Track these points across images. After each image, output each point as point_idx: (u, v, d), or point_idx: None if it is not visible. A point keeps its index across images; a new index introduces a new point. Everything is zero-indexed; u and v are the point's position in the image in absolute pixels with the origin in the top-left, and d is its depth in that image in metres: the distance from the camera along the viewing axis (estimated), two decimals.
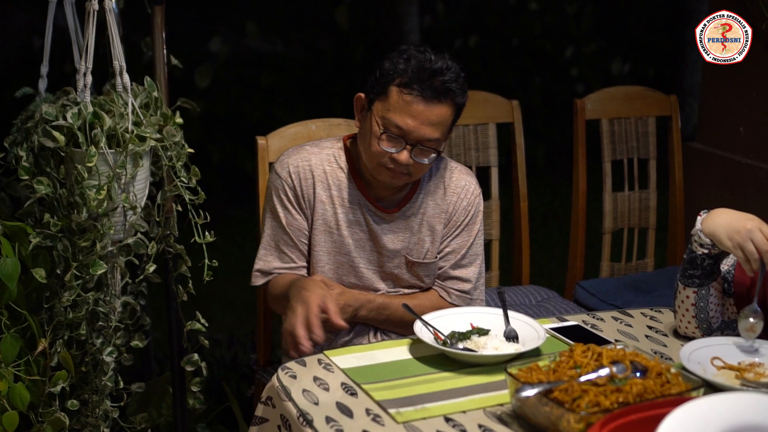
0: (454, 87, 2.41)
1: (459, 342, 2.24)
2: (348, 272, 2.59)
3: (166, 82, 2.86)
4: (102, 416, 2.69)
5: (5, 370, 2.47)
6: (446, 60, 2.44)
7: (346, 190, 2.56)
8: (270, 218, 2.61)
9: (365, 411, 1.97)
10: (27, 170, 2.53)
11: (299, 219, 2.57)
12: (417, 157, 2.42)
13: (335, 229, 2.57)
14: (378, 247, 2.58)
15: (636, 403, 1.80)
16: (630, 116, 3.57)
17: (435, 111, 2.40)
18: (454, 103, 2.43)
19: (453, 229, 2.61)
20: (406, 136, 2.40)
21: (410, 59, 2.43)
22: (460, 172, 2.64)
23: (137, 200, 2.60)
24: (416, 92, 2.39)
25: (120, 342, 2.71)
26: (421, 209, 2.59)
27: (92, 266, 2.52)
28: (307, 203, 2.56)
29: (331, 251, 2.58)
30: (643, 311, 2.55)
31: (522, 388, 1.84)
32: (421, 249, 2.60)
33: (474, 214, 2.62)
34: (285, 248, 2.59)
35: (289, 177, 2.55)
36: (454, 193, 2.60)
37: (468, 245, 2.62)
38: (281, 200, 2.57)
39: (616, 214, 3.56)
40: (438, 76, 2.40)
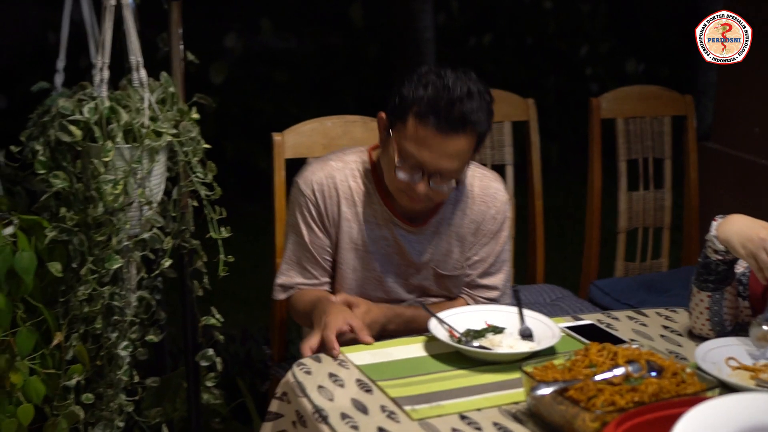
0: (474, 118, 2.29)
1: (474, 340, 2.24)
2: (375, 287, 2.56)
3: (182, 78, 2.86)
4: (117, 410, 2.70)
5: (21, 363, 2.48)
6: (468, 84, 2.31)
7: (372, 205, 2.50)
8: (293, 234, 2.57)
9: (380, 408, 1.97)
10: (43, 164, 2.54)
11: (323, 237, 2.53)
12: (436, 185, 2.35)
13: (361, 246, 2.52)
14: (405, 261, 2.54)
15: (651, 402, 1.79)
16: (645, 115, 3.56)
17: (452, 143, 2.30)
18: (475, 133, 2.33)
19: (481, 237, 2.56)
20: (424, 167, 2.33)
21: (427, 86, 2.31)
22: (488, 179, 2.58)
23: (153, 195, 2.60)
24: (432, 124, 2.28)
25: (135, 336, 2.71)
26: (448, 220, 2.53)
27: (108, 261, 2.53)
28: (332, 222, 2.51)
29: (358, 268, 2.54)
30: (658, 311, 2.54)
31: (537, 387, 1.84)
32: (449, 260, 2.55)
33: (502, 222, 2.57)
34: (307, 265, 2.55)
35: (313, 195, 2.50)
36: (482, 202, 2.55)
37: (496, 253, 2.58)
38: (304, 217, 2.52)
39: (630, 213, 3.56)
40: (456, 105, 2.28)
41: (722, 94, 3.95)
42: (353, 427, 1.90)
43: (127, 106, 2.55)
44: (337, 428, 1.89)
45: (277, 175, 2.88)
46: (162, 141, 2.55)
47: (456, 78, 2.31)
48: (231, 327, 3.59)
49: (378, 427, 1.89)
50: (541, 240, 3.46)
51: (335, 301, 2.42)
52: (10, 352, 2.46)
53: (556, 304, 3.26)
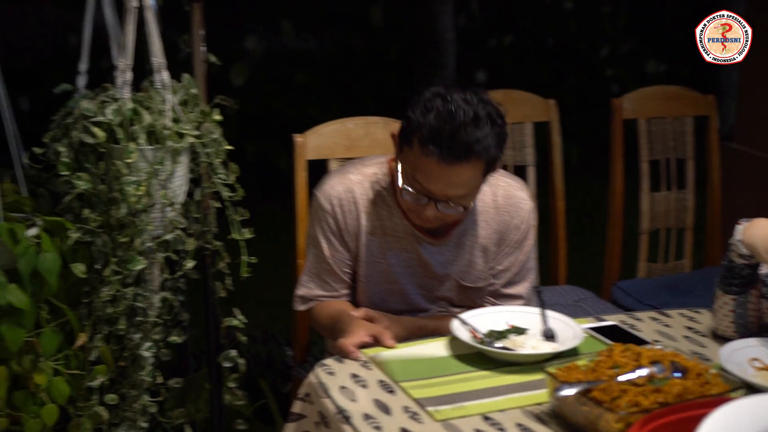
0: (479, 146, 2.20)
1: (496, 341, 2.23)
2: (397, 300, 2.54)
3: (203, 79, 2.87)
4: (140, 411, 2.71)
5: (45, 364, 2.50)
6: (475, 108, 2.21)
7: (392, 218, 2.47)
8: (313, 246, 2.55)
9: (403, 408, 1.97)
10: (67, 166, 2.55)
11: (342, 251, 2.51)
12: (445, 209, 2.31)
13: (382, 259, 2.50)
14: (428, 273, 2.51)
15: (675, 403, 1.78)
16: (667, 116, 3.55)
17: (457, 172, 2.23)
18: (482, 160, 2.24)
19: (505, 247, 2.53)
20: (429, 194, 2.29)
21: (431, 112, 2.22)
22: (512, 188, 2.53)
23: (176, 196, 2.61)
24: (435, 153, 2.20)
25: (158, 337, 2.72)
26: (471, 231, 2.50)
27: (131, 262, 2.54)
28: (351, 235, 2.49)
29: (379, 281, 2.52)
30: (682, 312, 2.53)
31: (560, 388, 1.83)
32: (472, 272, 2.52)
33: (526, 231, 2.53)
34: (327, 278, 2.54)
35: (332, 209, 2.48)
36: (506, 212, 2.50)
37: (520, 263, 2.55)
38: (324, 231, 2.51)
39: (653, 214, 3.54)
40: (460, 134, 2.19)
41: (745, 94, 3.93)
42: (376, 428, 1.90)
43: (149, 108, 2.56)
44: (360, 429, 1.89)
45: (299, 176, 2.89)
46: (184, 142, 2.56)
47: (462, 102, 2.22)
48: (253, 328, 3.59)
49: (401, 428, 1.89)
50: (563, 241, 3.45)
51: (356, 315, 2.41)
52: (35, 353, 2.48)
53: (578, 305, 3.25)
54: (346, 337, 2.24)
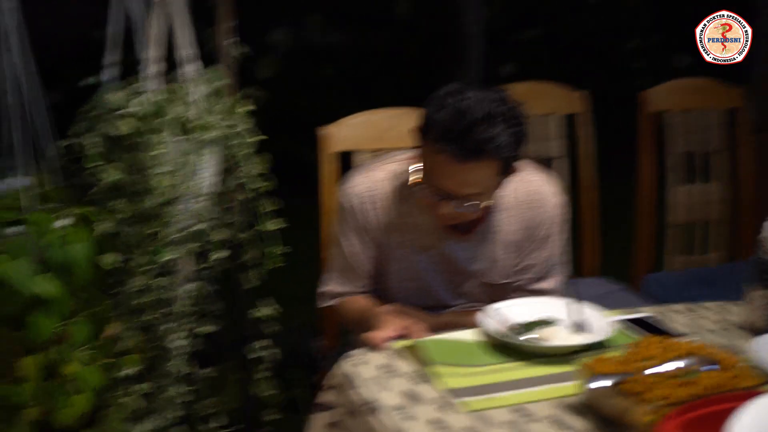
0: (492, 145, 2.18)
1: (526, 332, 2.22)
2: (423, 296, 2.53)
3: (232, 72, 2.88)
4: (170, 400, 2.72)
5: (75, 354, 2.51)
6: (489, 105, 2.20)
7: (416, 215, 2.46)
8: (337, 243, 2.56)
9: (432, 399, 1.97)
10: (95, 158, 2.56)
11: (366, 248, 2.51)
12: (460, 208, 2.29)
13: (407, 257, 2.49)
14: (453, 270, 2.50)
15: (706, 396, 1.77)
16: (697, 108, 3.52)
17: (469, 171, 2.21)
18: (496, 158, 2.22)
19: (532, 243, 2.51)
20: (444, 192, 2.28)
21: (445, 109, 2.21)
22: (538, 182, 2.50)
23: (204, 187, 2.62)
24: (447, 151, 2.19)
25: (188, 328, 2.73)
26: (496, 227, 2.48)
27: (160, 252, 2.55)
28: (375, 233, 2.49)
29: (404, 278, 2.52)
30: (713, 304, 2.51)
31: (592, 379, 1.83)
32: (498, 268, 2.51)
33: (555, 226, 2.51)
34: (350, 275, 2.55)
35: (354, 207, 2.48)
36: (533, 208, 2.48)
37: (549, 258, 2.53)
38: (347, 228, 2.51)
39: (682, 207, 3.52)
40: (472, 132, 2.17)
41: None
42: (404, 418, 1.89)
43: (177, 100, 2.57)
44: (387, 420, 1.89)
45: (326, 168, 2.89)
46: (212, 134, 2.56)
47: (477, 100, 2.20)
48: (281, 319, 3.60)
49: (430, 419, 1.89)
50: (593, 233, 3.43)
51: (384, 311, 2.40)
52: (65, 343, 2.49)
53: (608, 298, 3.22)
54: (374, 332, 2.24)
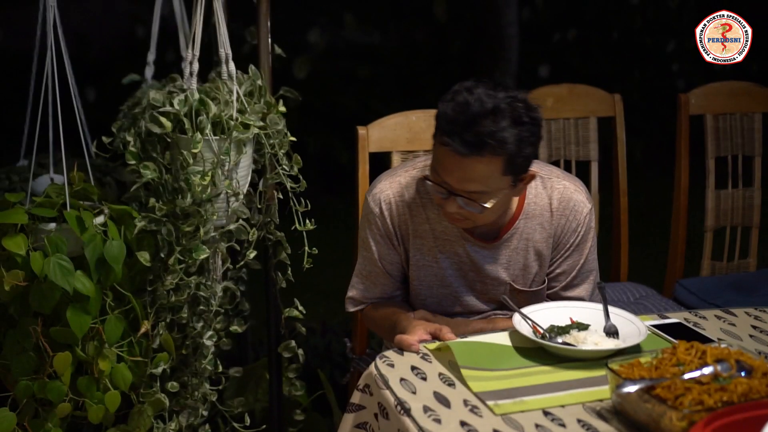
0: (494, 139, 2.15)
1: (558, 336, 2.22)
2: (452, 303, 2.51)
3: (269, 71, 2.89)
4: (200, 399, 2.74)
5: (109, 351, 2.53)
6: (495, 101, 2.17)
7: (442, 221, 2.43)
8: (363, 249, 2.53)
9: (463, 402, 1.97)
10: (134, 155, 2.59)
11: (392, 253, 2.49)
12: (467, 206, 2.26)
13: (434, 263, 2.47)
14: (480, 276, 2.48)
15: (740, 402, 1.76)
16: (735, 112, 3.49)
17: (471, 166, 2.19)
18: (499, 154, 2.18)
19: (563, 251, 2.48)
20: (448, 187, 2.25)
21: (451, 102, 2.20)
22: (568, 190, 2.45)
23: (240, 187, 2.64)
24: (449, 143, 2.17)
25: (219, 326, 2.75)
26: (525, 235, 2.45)
27: (195, 251, 2.57)
28: (401, 239, 2.47)
29: (432, 284, 2.50)
30: (747, 310, 2.49)
31: (623, 384, 1.82)
32: (527, 276, 2.48)
33: (585, 233, 2.47)
34: (378, 279, 2.53)
35: (381, 212, 2.46)
36: (561, 215, 2.45)
37: (579, 265, 2.49)
38: (373, 234, 2.49)
39: (718, 211, 3.49)
40: (475, 125, 2.15)
41: None
42: (436, 421, 1.89)
43: (216, 99, 2.59)
44: (419, 421, 1.89)
45: (361, 168, 2.89)
46: (249, 133, 2.58)
47: (484, 95, 2.18)
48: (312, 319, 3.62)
49: (460, 421, 1.89)
50: (626, 238, 3.41)
51: (413, 317, 2.40)
52: (99, 340, 2.52)
53: (640, 303, 3.22)
54: (406, 335, 2.24)
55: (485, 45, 6.56)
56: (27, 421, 2.52)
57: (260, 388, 3.13)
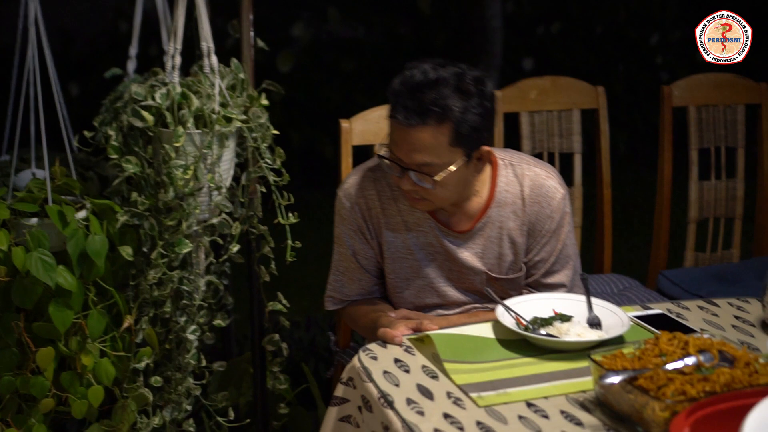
0: (436, 109, 2.19)
1: (541, 328, 2.22)
2: (430, 294, 2.51)
3: (252, 64, 2.88)
4: (184, 393, 2.73)
5: (92, 346, 2.53)
6: (440, 73, 2.22)
7: (415, 212, 2.44)
8: (337, 244, 2.54)
9: (446, 394, 1.97)
10: (116, 149, 2.58)
11: (366, 248, 2.49)
12: (420, 181, 2.27)
13: (408, 255, 2.47)
14: (457, 267, 2.48)
15: (723, 392, 1.77)
16: (718, 104, 3.50)
17: (416, 136, 2.22)
18: (444, 122, 2.22)
19: (539, 238, 2.47)
20: (399, 162, 2.28)
21: (400, 75, 2.27)
22: (539, 177, 2.46)
23: (222, 180, 2.63)
24: (394, 116, 2.23)
25: (203, 321, 2.74)
26: (498, 223, 2.45)
27: (178, 245, 2.56)
28: (374, 234, 2.48)
29: (409, 276, 2.49)
30: (730, 301, 2.50)
31: (606, 375, 1.82)
32: (502, 264, 2.48)
33: (560, 219, 2.46)
34: (354, 275, 2.53)
35: (352, 208, 2.47)
36: (534, 202, 2.45)
37: (558, 251, 2.49)
38: (347, 229, 2.49)
39: (701, 203, 3.50)
40: (415, 95, 2.20)
41: None
42: (419, 413, 1.90)
43: (198, 92, 2.58)
44: (402, 413, 1.89)
45: (344, 161, 2.89)
46: (232, 127, 2.57)
47: (430, 68, 2.24)
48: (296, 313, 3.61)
49: (444, 413, 1.89)
50: (609, 229, 3.42)
51: (394, 316, 2.39)
52: (82, 335, 2.51)
53: (623, 294, 3.23)
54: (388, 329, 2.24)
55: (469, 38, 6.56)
56: (10, 417, 2.52)
57: (244, 382, 3.12)
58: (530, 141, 3.30)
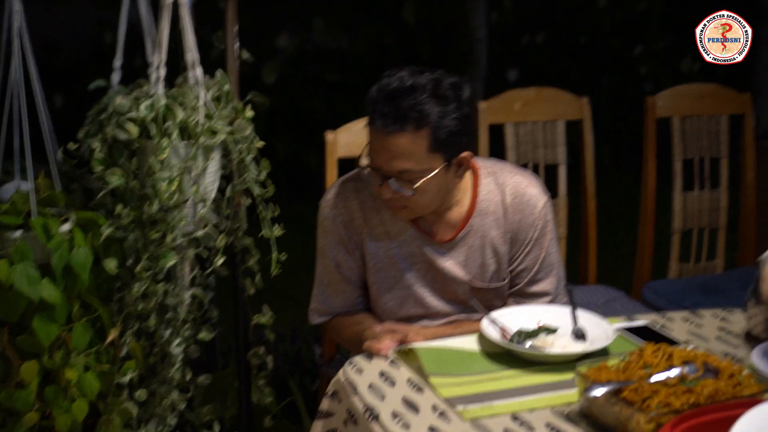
0: (413, 114, 2.18)
1: (526, 340, 2.22)
2: (414, 304, 2.50)
3: (237, 76, 2.88)
4: (169, 407, 2.72)
5: (76, 359, 2.51)
6: (417, 79, 2.22)
7: (397, 222, 2.44)
8: (321, 257, 2.52)
9: (432, 407, 1.97)
10: (100, 162, 2.57)
11: (349, 259, 2.48)
12: (400, 189, 2.27)
13: (392, 265, 2.46)
14: (440, 277, 2.47)
15: (707, 404, 1.77)
16: (702, 114, 3.51)
17: (394, 141, 2.21)
18: (421, 128, 2.21)
19: (522, 246, 2.47)
20: (380, 170, 2.27)
21: (378, 83, 2.26)
22: (521, 185, 2.46)
23: (207, 193, 2.63)
24: (372, 123, 2.23)
25: (188, 334, 2.74)
26: (480, 232, 2.45)
27: (162, 258, 2.56)
28: (357, 245, 2.47)
29: (392, 287, 2.48)
30: (714, 312, 2.50)
31: (591, 387, 1.82)
32: (485, 273, 2.47)
33: (542, 227, 2.46)
34: (338, 287, 2.51)
35: (335, 218, 2.46)
36: (516, 211, 2.44)
37: (541, 259, 2.48)
38: (330, 241, 2.48)
39: (685, 213, 3.51)
40: (394, 100, 2.20)
41: None
42: (404, 426, 1.89)
43: (183, 104, 2.57)
44: (388, 427, 1.89)
45: (330, 173, 2.89)
46: (217, 139, 2.57)
47: (407, 75, 2.23)
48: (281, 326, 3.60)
49: (429, 427, 1.89)
50: (594, 240, 3.43)
51: (379, 329, 2.38)
52: (66, 348, 2.50)
53: (608, 305, 3.23)
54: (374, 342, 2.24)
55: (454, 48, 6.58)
56: None
57: (229, 395, 3.11)
58: (515, 152, 3.30)
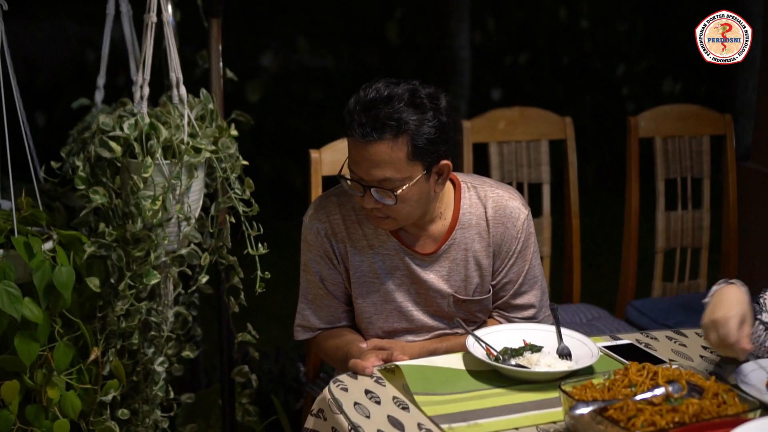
0: (391, 123, 2.21)
1: (511, 358, 2.22)
2: (398, 318, 2.49)
3: (221, 95, 2.88)
4: (152, 426, 2.71)
5: (58, 378, 2.50)
6: (394, 89, 2.25)
7: (380, 236, 2.44)
8: (305, 272, 2.52)
9: (417, 425, 1.96)
10: (83, 180, 2.56)
11: (333, 274, 2.48)
12: (382, 198, 2.28)
13: (375, 279, 2.46)
14: (424, 290, 2.47)
15: (692, 423, 1.77)
16: (684, 135, 3.53)
17: (374, 151, 2.23)
18: (400, 136, 2.23)
19: (505, 259, 2.48)
20: (360, 180, 2.28)
21: (355, 95, 2.30)
22: (502, 198, 2.47)
23: (191, 211, 2.62)
24: (352, 135, 2.25)
25: (171, 352, 2.72)
26: (463, 245, 2.45)
27: (146, 276, 2.55)
28: (340, 259, 2.46)
29: (376, 301, 2.48)
30: (698, 331, 2.50)
31: (576, 406, 1.82)
32: (469, 286, 2.48)
33: (525, 239, 2.47)
34: (323, 302, 2.51)
35: (318, 234, 2.45)
36: (499, 224, 2.45)
37: (524, 271, 2.49)
38: (313, 256, 2.47)
39: (668, 233, 3.53)
40: (371, 110, 2.23)
41: (762, 114, 3.91)
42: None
43: (166, 123, 2.57)
44: None
45: (314, 191, 2.89)
46: (201, 157, 2.56)
47: (383, 86, 2.27)
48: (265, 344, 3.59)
49: None
50: (578, 259, 3.43)
51: (366, 348, 2.38)
52: (48, 367, 2.48)
53: (592, 324, 3.24)
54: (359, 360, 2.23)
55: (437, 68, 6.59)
56: None
57: (213, 414, 3.10)
58: (499, 171, 3.31)
